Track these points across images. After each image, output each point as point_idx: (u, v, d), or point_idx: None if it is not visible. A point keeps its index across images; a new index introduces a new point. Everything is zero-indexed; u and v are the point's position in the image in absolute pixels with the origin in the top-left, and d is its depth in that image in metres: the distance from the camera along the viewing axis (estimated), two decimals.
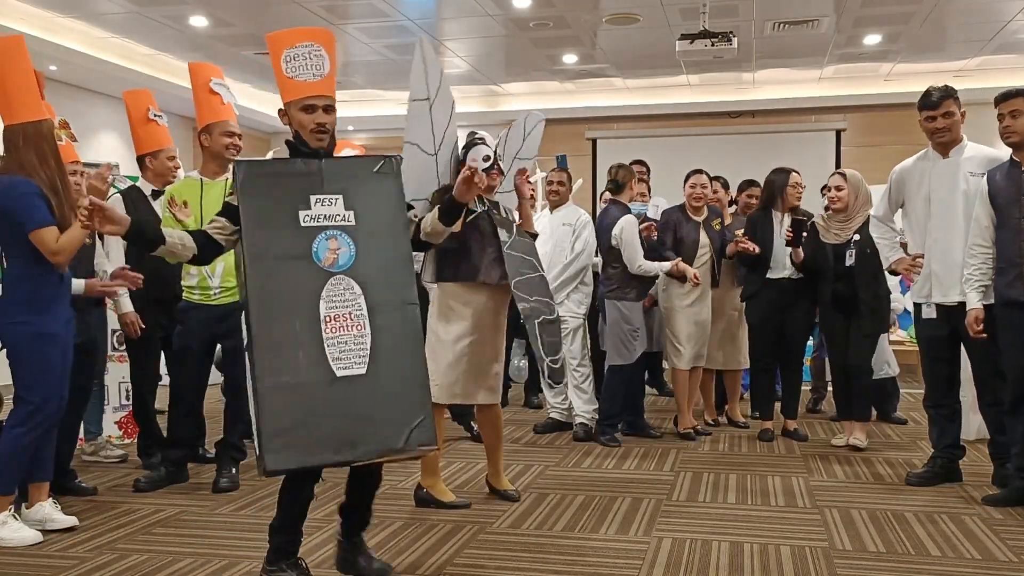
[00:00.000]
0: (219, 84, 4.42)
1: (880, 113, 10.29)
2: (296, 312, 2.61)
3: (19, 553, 3.37)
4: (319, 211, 2.67)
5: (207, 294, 4.29)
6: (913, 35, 8.33)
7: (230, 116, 4.41)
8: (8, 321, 3.49)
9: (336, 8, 7.45)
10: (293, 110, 2.85)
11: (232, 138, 4.36)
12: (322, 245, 2.66)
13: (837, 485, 4.40)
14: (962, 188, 4.11)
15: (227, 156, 4.34)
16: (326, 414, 2.58)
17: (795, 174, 5.51)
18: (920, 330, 4.37)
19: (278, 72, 2.88)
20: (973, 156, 4.15)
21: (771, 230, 5.40)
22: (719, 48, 7.18)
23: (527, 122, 4.29)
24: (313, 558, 3.20)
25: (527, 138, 4.28)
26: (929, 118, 4.18)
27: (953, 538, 3.53)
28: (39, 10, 7.50)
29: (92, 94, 9.57)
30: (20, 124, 3.51)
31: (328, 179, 2.72)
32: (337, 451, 2.60)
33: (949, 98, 4.15)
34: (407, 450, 2.65)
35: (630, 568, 3.20)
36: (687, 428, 5.51)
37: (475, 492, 4.26)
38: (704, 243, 5.50)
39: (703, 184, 5.56)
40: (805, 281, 5.32)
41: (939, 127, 4.16)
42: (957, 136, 4.19)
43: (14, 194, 3.44)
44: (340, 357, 2.60)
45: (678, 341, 5.47)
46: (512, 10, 7.54)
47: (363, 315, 2.63)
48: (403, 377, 2.66)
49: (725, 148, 10.50)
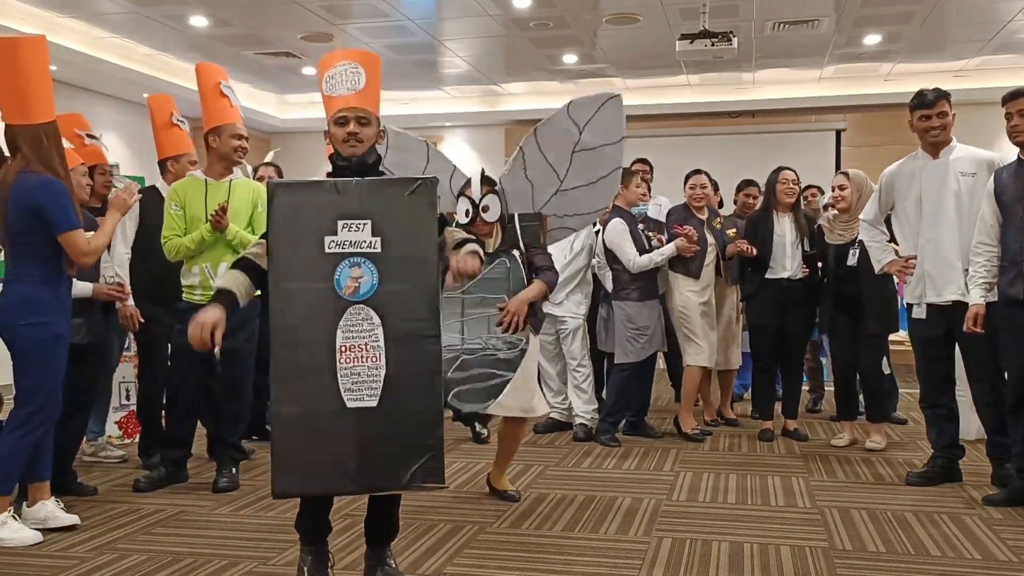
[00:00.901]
0: (227, 86, 4.43)
1: (880, 113, 10.29)
2: (312, 340, 2.61)
3: (19, 553, 3.37)
4: (345, 236, 2.62)
5: (208, 294, 4.26)
6: (913, 35, 8.33)
7: (238, 119, 4.41)
8: (26, 322, 3.46)
9: (336, 8, 7.45)
10: (331, 126, 2.86)
11: (240, 140, 4.36)
12: (344, 272, 2.62)
13: (837, 485, 4.40)
14: (953, 188, 4.15)
15: (235, 158, 4.37)
16: (333, 443, 2.60)
17: (787, 171, 5.48)
18: (914, 330, 4.37)
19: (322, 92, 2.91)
20: (963, 156, 4.20)
21: (770, 230, 5.40)
22: (719, 48, 7.18)
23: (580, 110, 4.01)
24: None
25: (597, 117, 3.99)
26: (924, 117, 4.21)
27: (953, 538, 3.53)
28: (39, 10, 7.50)
29: (92, 94, 9.56)
30: (40, 124, 3.49)
31: (359, 202, 2.67)
32: (341, 481, 2.64)
33: (943, 99, 4.20)
34: (411, 486, 2.64)
35: (630, 568, 3.20)
36: (694, 429, 5.50)
37: (475, 492, 4.26)
38: (711, 241, 5.52)
39: (703, 184, 5.56)
40: (806, 282, 5.33)
41: (934, 126, 4.19)
42: (948, 137, 4.23)
43: (49, 193, 3.43)
44: (352, 388, 2.60)
45: (696, 337, 5.47)
46: (512, 10, 7.54)
47: (379, 346, 2.61)
48: (415, 411, 2.64)
49: (725, 148, 10.50)
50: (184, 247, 4.22)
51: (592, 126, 4.01)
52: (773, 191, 5.46)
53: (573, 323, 5.51)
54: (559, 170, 4.04)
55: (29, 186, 3.43)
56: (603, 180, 4.06)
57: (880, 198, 4.47)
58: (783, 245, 5.35)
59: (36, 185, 3.43)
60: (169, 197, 4.33)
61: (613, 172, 4.07)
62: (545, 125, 4.08)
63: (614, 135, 4.03)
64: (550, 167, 4.05)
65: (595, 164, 4.03)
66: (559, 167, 4.04)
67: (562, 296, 5.47)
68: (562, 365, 5.66)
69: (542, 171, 4.04)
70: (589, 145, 4.01)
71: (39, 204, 3.41)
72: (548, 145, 4.04)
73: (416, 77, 9.74)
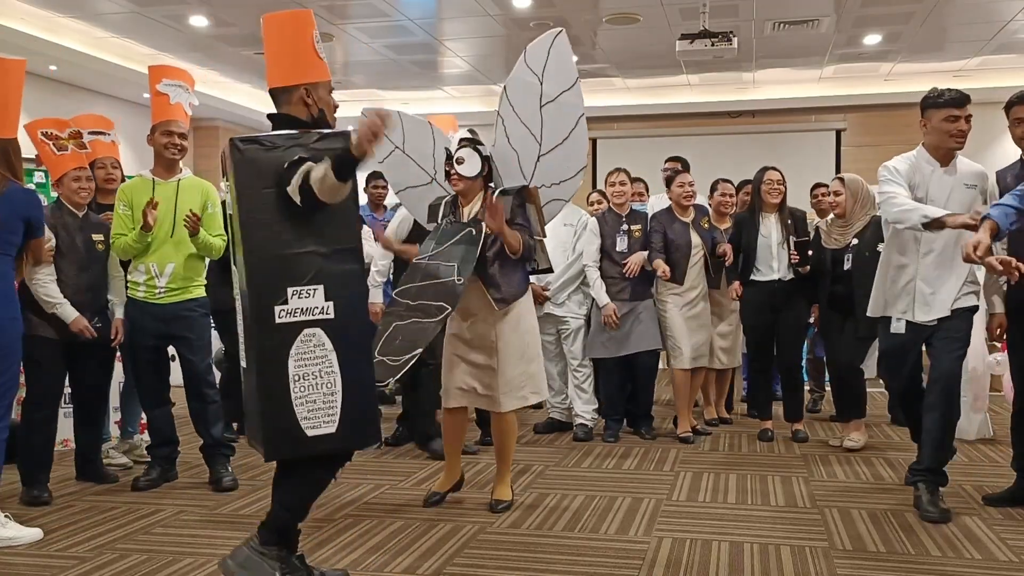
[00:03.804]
0: (169, 85, 4.37)
1: (880, 113, 10.31)
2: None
3: (19, 553, 3.37)
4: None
5: (152, 292, 4.29)
6: (913, 35, 8.34)
7: (173, 116, 4.35)
8: (10, 316, 3.55)
9: (336, 8, 7.45)
10: (322, 91, 2.85)
11: (170, 137, 4.31)
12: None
13: (837, 485, 4.40)
14: (958, 199, 3.81)
15: (166, 155, 4.33)
16: None
17: (772, 171, 5.42)
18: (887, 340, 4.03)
19: (310, 50, 2.84)
20: (966, 167, 3.90)
21: (755, 231, 5.38)
22: (719, 48, 7.19)
23: (540, 44, 3.90)
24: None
25: (549, 61, 3.88)
26: (952, 118, 3.76)
27: (953, 538, 3.52)
28: (39, 10, 7.50)
29: (92, 94, 9.57)
30: (9, 139, 3.61)
31: None
32: None
33: (969, 101, 3.80)
34: None
35: (630, 568, 3.20)
36: (686, 431, 5.50)
37: (475, 492, 4.26)
38: (696, 243, 5.47)
39: (690, 183, 5.54)
40: (797, 283, 5.31)
41: (963, 129, 3.77)
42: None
43: (36, 203, 3.66)
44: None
45: (675, 341, 5.47)
46: (512, 10, 7.54)
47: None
48: None
49: (725, 148, 10.52)
50: (129, 246, 4.26)
51: (548, 73, 3.90)
52: (758, 191, 5.44)
53: (575, 323, 5.52)
54: (534, 131, 3.93)
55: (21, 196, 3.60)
56: (573, 133, 3.92)
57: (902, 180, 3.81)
58: (768, 246, 5.33)
59: (26, 198, 3.62)
60: (118, 197, 4.35)
61: (579, 123, 3.94)
62: (511, 81, 3.98)
63: (568, 78, 3.91)
64: (527, 130, 3.94)
65: (560, 117, 3.92)
66: (533, 127, 3.93)
67: (563, 296, 5.48)
68: (563, 365, 5.66)
69: (521, 135, 3.95)
70: (551, 96, 3.91)
71: (33, 216, 3.63)
72: (519, 103, 3.95)
73: (416, 77, 9.74)
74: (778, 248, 5.32)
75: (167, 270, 4.26)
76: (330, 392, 2.67)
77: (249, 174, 2.65)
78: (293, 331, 2.64)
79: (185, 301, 4.33)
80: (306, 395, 2.64)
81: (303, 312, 2.64)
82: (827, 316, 5.21)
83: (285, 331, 2.64)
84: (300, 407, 2.64)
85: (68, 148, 4.24)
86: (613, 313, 5.33)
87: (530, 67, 3.92)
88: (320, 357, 2.66)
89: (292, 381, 2.63)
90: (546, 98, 3.92)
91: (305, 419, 2.65)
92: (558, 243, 5.44)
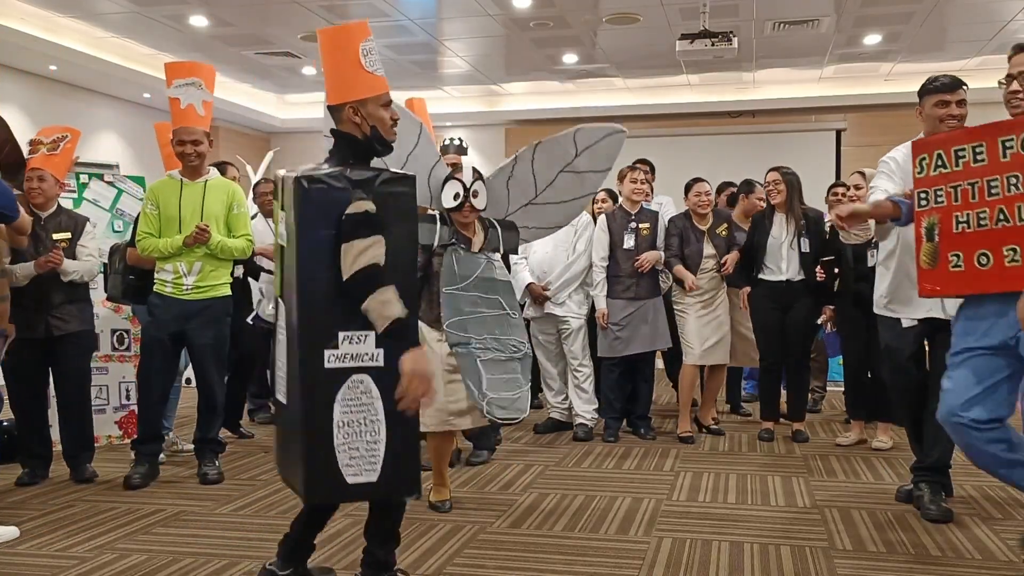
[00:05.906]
0: (180, 86, 4.36)
1: (880, 113, 10.29)
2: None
3: (19, 553, 3.37)
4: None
5: (179, 288, 4.35)
6: (913, 35, 8.34)
7: (184, 122, 4.35)
8: None
9: (336, 8, 7.45)
10: (372, 106, 2.69)
11: (183, 146, 4.34)
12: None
13: (837, 485, 4.40)
14: None
15: (184, 162, 4.39)
16: None
17: (770, 172, 5.46)
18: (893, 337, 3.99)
19: (355, 66, 2.69)
20: None
21: (765, 231, 5.40)
22: (719, 48, 7.19)
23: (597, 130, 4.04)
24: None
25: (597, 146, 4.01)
26: (942, 103, 3.74)
27: (953, 538, 3.52)
28: (39, 10, 7.50)
29: (92, 94, 9.57)
30: None
31: None
32: None
33: (962, 86, 3.77)
34: None
35: (630, 568, 3.20)
36: (686, 431, 5.50)
37: (475, 492, 4.26)
38: (709, 253, 5.48)
39: (707, 192, 5.57)
40: (806, 282, 5.31)
41: (952, 114, 3.71)
42: None
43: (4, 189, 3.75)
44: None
45: (687, 339, 5.51)
46: (512, 10, 7.54)
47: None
48: None
49: (725, 148, 10.51)
50: (158, 250, 4.32)
51: (589, 152, 4.02)
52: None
53: (575, 323, 5.52)
54: (539, 185, 4.03)
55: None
56: (575, 200, 4.12)
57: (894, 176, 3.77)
58: (777, 247, 5.34)
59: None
60: (146, 196, 4.43)
61: (586, 196, 4.16)
62: (548, 142, 4.03)
63: (604, 164, 4.07)
64: (532, 181, 4.04)
65: (574, 186, 4.07)
66: (540, 182, 4.03)
67: (563, 296, 5.49)
68: (563, 365, 5.67)
69: (523, 183, 4.03)
70: (578, 169, 4.03)
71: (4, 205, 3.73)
72: (541, 160, 4.02)
73: (416, 77, 9.74)
74: (788, 249, 5.33)
75: (195, 268, 4.34)
76: (373, 440, 2.61)
77: (312, 214, 2.57)
78: (341, 377, 2.58)
79: (210, 299, 4.38)
80: (349, 442, 2.59)
81: (352, 358, 2.59)
82: (851, 315, 5.14)
83: (333, 376, 2.58)
84: (343, 453, 2.59)
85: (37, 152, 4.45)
86: (603, 317, 5.41)
87: (576, 142, 4.01)
88: (366, 404, 2.61)
89: (336, 427, 2.58)
90: (572, 168, 4.03)
91: (347, 466, 2.59)
92: (558, 243, 5.45)
